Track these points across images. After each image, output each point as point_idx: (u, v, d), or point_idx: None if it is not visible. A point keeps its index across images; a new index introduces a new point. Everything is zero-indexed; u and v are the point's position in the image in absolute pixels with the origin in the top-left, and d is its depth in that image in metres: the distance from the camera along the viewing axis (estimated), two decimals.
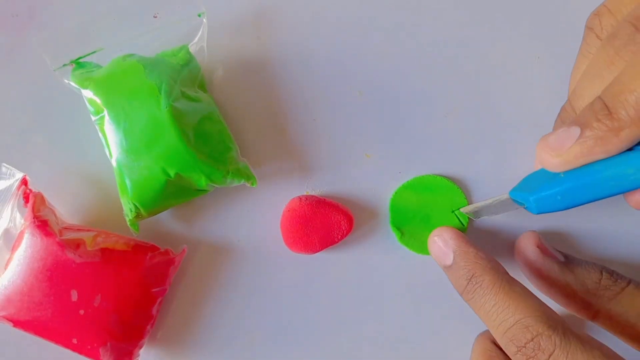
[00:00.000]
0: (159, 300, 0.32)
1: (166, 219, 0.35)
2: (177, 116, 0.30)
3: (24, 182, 0.32)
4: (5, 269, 0.31)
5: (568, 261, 0.32)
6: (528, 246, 0.32)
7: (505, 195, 0.30)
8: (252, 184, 0.33)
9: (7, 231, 0.32)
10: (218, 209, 0.35)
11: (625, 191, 0.26)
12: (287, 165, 0.35)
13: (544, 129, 0.34)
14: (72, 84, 0.32)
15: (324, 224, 0.33)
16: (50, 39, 0.32)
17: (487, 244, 0.35)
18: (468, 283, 0.28)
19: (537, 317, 0.26)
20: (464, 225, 0.34)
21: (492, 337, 0.30)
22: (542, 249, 0.32)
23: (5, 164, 0.32)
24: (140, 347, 0.32)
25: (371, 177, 0.35)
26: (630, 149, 0.26)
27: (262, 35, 0.35)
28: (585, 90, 0.28)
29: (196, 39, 0.33)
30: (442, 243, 0.30)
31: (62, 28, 0.34)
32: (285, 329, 0.35)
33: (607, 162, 0.26)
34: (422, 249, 0.34)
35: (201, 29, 0.33)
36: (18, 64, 0.35)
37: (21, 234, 0.31)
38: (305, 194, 0.35)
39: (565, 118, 0.30)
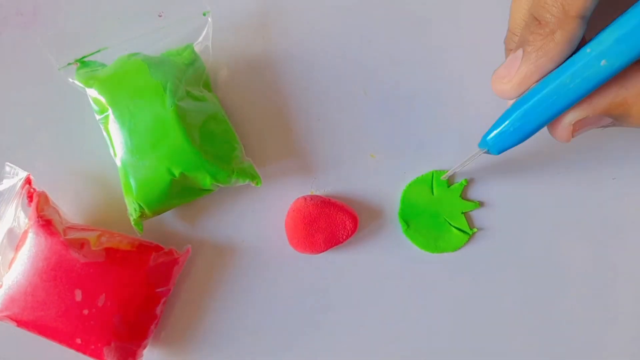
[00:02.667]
0: (162, 300, 0.32)
1: (170, 219, 0.34)
2: (182, 115, 0.30)
3: (28, 181, 0.32)
4: (9, 268, 0.31)
5: None
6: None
7: (475, 149, 0.30)
8: (257, 183, 0.33)
9: (10, 230, 0.32)
10: (222, 209, 0.35)
11: (569, 105, 0.26)
12: (291, 165, 0.35)
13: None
14: (77, 83, 0.32)
15: (329, 224, 0.33)
16: (55, 38, 0.32)
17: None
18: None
19: None
20: (469, 232, 0.34)
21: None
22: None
23: (9, 163, 0.32)
24: (144, 347, 0.32)
25: (376, 177, 0.35)
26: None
27: (267, 34, 0.35)
28: (519, 13, 0.28)
29: (201, 38, 0.33)
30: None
31: (66, 27, 0.34)
32: (289, 329, 0.35)
33: (548, 78, 0.26)
34: (425, 245, 0.34)
35: (206, 28, 0.33)
36: (23, 62, 0.35)
37: (25, 233, 0.31)
38: (310, 193, 0.35)
39: (510, 47, 0.30)
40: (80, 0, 0.35)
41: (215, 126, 0.32)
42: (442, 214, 0.34)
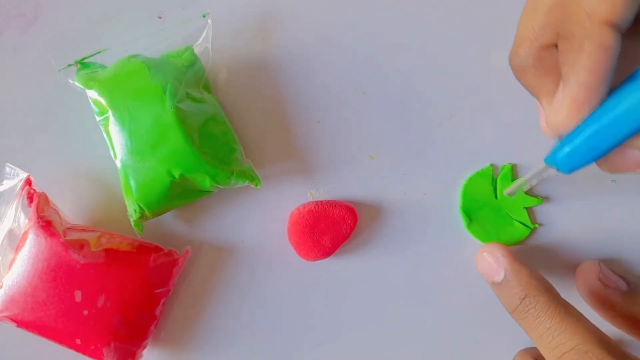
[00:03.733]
0: (162, 301, 0.32)
1: (170, 220, 0.35)
2: (182, 117, 0.30)
3: (28, 182, 0.32)
4: (9, 269, 0.31)
5: (631, 289, 0.31)
6: (589, 280, 0.31)
7: (542, 165, 0.29)
8: (256, 185, 0.33)
9: (11, 231, 0.32)
10: (222, 210, 0.35)
11: None
12: (291, 167, 0.35)
13: (550, 143, 0.34)
14: (77, 84, 0.32)
15: (329, 223, 0.33)
16: (55, 40, 0.32)
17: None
18: (521, 302, 0.28)
19: (596, 342, 0.25)
20: (530, 227, 0.34)
21: (534, 354, 0.30)
22: (604, 281, 0.31)
23: (9, 164, 0.32)
24: (144, 348, 0.32)
25: (375, 178, 0.35)
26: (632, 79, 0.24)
27: (267, 36, 0.35)
28: (527, 29, 0.26)
29: (201, 40, 0.33)
30: (492, 259, 0.30)
31: (67, 28, 0.34)
32: (288, 330, 0.35)
33: (618, 96, 0.24)
34: (487, 239, 0.34)
35: (206, 30, 0.33)
36: (23, 64, 0.35)
37: (25, 234, 0.31)
38: (309, 195, 0.35)
39: (514, 62, 0.28)
40: (80, 1, 0.35)
41: (215, 128, 0.32)
42: (504, 208, 0.34)
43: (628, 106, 0.23)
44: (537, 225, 0.34)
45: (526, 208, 0.34)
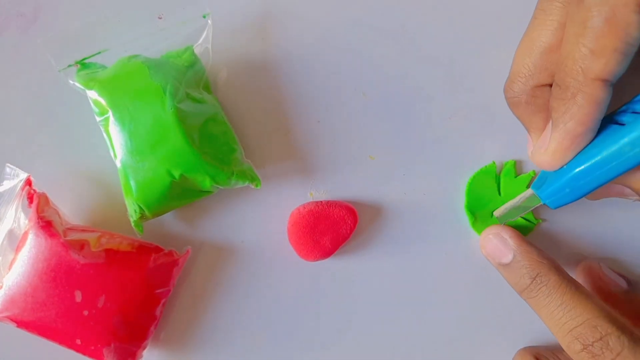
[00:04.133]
0: (162, 301, 0.32)
1: (170, 220, 0.35)
2: (182, 117, 0.30)
3: (28, 182, 0.32)
4: (9, 269, 0.31)
5: (632, 288, 0.32)
6: (589, 279, 0.32)
7: (529, 192, 0.30)
8: (256, 185, 0.33)
9: (11, 232, 0.32)
10: (222, 211, 0.35)
11: (629, 169, 0.26)
12: (291, 167, 0.35)
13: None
14: (77, 84, 0.32)
15: (329, 223, 0.33)
16: (55, 40, 0.32)
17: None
18: (532, 282, 0.29)
19: (605, 317, 0.26)
20: (534, 222, 0.34)
21: (533, 353, 0.30)
22: (605, 280, 0.32)
23: (9, 164, 0.32)
24: (144, 348, 0.32)
25: (375, 178, 0.35)
26: (622, 124, 0.25)
27: (267, 36, 0.35)
28: (523, 61, 0.28)
29: (201, 40, 0.33)
30: (500, 241, 0.30)
31: (67, 29, 0.34)
32: (289, 331, 0.35)
33: (603, 143, 0.26)
34: None
35: (206, 30, 0.33)
36: (23, 64, 0.35)
37: (25, 234, 0.31)
38: (309, 195, 0.35)
39: (509, 95, 0.30)
40: (80, 2, 0.35)
41: (215, 128, 0.32)
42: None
43: (612, 153, 0.25)
44: (540, 221, 0.34)
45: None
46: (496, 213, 0.33)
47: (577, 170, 0.26)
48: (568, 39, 0.25)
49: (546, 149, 0.27)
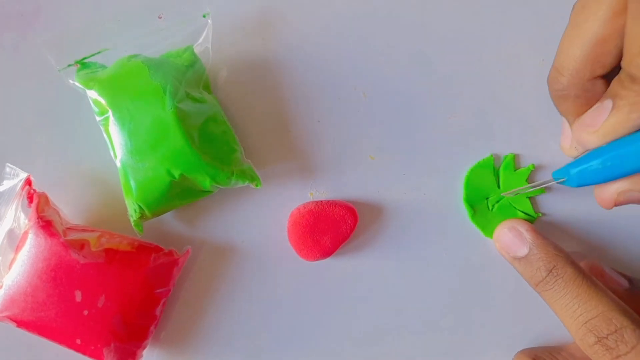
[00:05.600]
0: (162, 301, 0.32)
1: (170, 220, 0.35)
2: (182, 117, 0.30)
3: (28, 182, 0.32)
4: (9, 269, 0.31)
5: (633, 286, 0.32)
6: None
7: (549, 178, 0.31)
8: (256, 185, 0.33)
9: (11, 231, 0.32)
10: (222, 210, 0.35)
11: None
12: (291, 167, 0.35)
13: (548, 132, 0.35)
14: (77, 84, 0.32)
15: (330, 223, 0.33)
16: (55, 39, 0.32)
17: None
18: (548, 274, 0.29)
19: (620, 310, 0.26)
20: (534, 216, 0.34)
21: (532, 355, 0.31)
22: (605, 279, 0.32)
23: (9, 164, 0.32)
24: (144, 348, 0.32)
25: (375, 178, 0.35)
26: None
27: (267, 36, 0.35)
28: (571, 53, 0.27)
29: (201, 40, 0.33)
30: (515, 234, 0.31)
31: (67, 28, 0.34)
32: (288, 330, 0.35)
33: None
34: (491, 228, 0.34)
35: (206, 30, 0.33)
36: (23, 64, 0.35)
37: (25, 234, 0.31)
38: (309, 195, 0.35)
39: (556, 87, 0.29)
40: (80, 1, 0.35)
41: (215, 128, 0.32)
42: (507, 198, 0.34)
43: None
44: (540, 215, 0.34)
45: (529, 198, 0.34)
46: (506, 193, 0.33)
47: (617, 150, 0.26)
48: (635, 30, 0.24)
49: (597, 129, 0.27)
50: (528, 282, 0.30)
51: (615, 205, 0.28)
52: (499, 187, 0.34)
